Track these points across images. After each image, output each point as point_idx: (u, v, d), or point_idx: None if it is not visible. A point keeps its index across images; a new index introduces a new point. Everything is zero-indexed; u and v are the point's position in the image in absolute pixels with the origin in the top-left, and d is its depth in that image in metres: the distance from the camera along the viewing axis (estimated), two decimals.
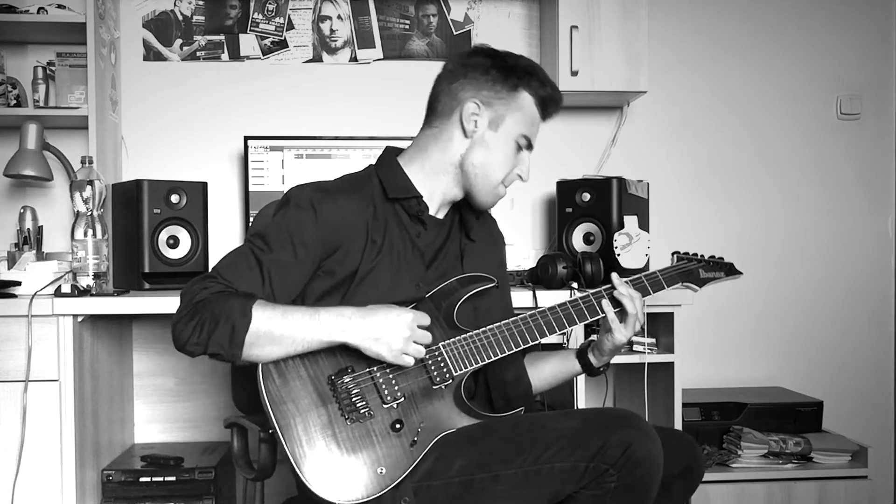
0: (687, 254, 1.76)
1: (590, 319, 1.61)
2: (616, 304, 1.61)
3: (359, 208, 1.53)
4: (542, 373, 1.74)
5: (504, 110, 1.56)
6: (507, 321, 1.56)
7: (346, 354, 1.45)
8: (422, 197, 1.59)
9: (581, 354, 1.71)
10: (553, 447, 1.37)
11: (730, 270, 1.77)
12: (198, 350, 1.40)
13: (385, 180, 1.59)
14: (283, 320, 1.40)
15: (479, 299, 1.61)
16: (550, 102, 1.60)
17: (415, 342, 1.44)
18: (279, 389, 1.41)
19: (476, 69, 1.57)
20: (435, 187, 1.60)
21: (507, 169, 1.60)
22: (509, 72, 1.56)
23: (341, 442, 1.39)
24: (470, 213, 1.68)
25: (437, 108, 1.60)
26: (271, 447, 1.60)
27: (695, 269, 1.72)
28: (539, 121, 1.62)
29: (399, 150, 1.65)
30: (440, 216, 1.65)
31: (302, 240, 1.48)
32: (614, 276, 1.62)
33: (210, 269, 1.48)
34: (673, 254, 1.76)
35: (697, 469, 1.54)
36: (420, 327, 1.45)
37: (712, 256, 1.77)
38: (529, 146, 1.61)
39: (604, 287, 1.63)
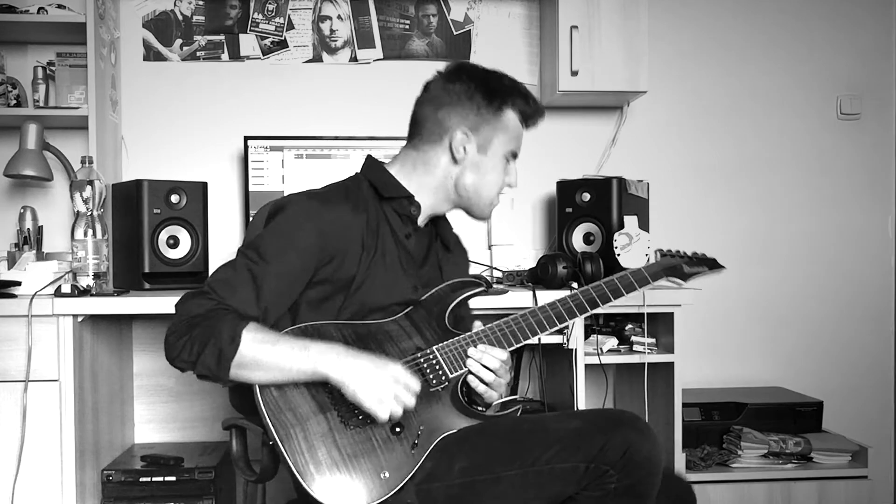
0: (670, 251, 1.79)
1: (568, 322, 1.60)
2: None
3: (353, 216, 1.53)
4: None
5: (491, 133, 1.59)
6: (498, 322, 1.57)
7: None
8: (413, 196, 1.60)
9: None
10: (553, 448, 1.37)
11: (713, 265, 1.80)
12: (186, 367, 1.41)
13: (377, 182, 1.60)
14: (273, 348, 1.39)
15: (457, 307, 1.62)
16: (535, 117, 1.63)
17: (396, 400, 1.38)
18: (277, 400, 1.40)
19: (461, 95, 1.58)
20: (424, 200, 1.62)
21: (500, 185, 1.64)
22: (493, 95, 1.58)
23: (343, 449, 1.39)
24: (445, 226, 1.72)
25: (423, 133, 1.61)
26: (272, 449, 1.60)
27: (678, 265, 1.75)
28: (523, 133, 1.65)
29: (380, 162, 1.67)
30: (421, 225, 1.67)
31: (297, 249, 1.48)
32: (476, 322, 1.58)
33: (204, 284, 1.47)
34: (656, 251, 1.80)
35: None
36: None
37: (695, 252, 1.80)
38: (515, 156, 1.65)
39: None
